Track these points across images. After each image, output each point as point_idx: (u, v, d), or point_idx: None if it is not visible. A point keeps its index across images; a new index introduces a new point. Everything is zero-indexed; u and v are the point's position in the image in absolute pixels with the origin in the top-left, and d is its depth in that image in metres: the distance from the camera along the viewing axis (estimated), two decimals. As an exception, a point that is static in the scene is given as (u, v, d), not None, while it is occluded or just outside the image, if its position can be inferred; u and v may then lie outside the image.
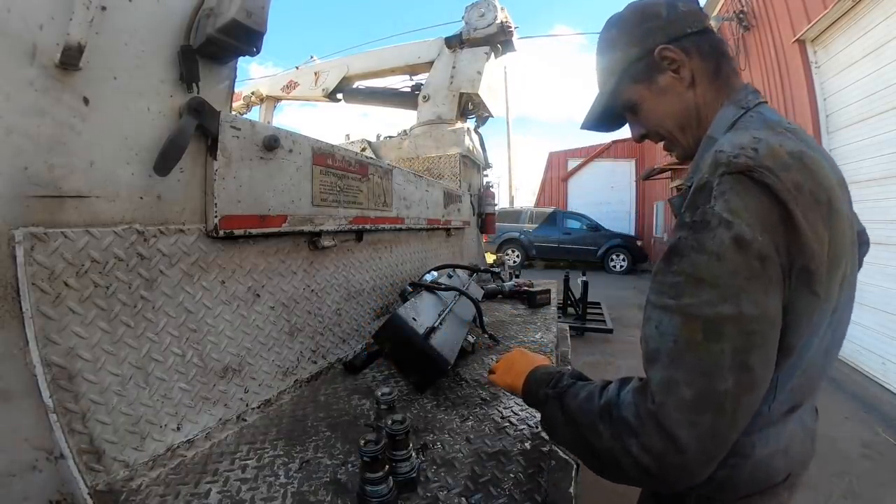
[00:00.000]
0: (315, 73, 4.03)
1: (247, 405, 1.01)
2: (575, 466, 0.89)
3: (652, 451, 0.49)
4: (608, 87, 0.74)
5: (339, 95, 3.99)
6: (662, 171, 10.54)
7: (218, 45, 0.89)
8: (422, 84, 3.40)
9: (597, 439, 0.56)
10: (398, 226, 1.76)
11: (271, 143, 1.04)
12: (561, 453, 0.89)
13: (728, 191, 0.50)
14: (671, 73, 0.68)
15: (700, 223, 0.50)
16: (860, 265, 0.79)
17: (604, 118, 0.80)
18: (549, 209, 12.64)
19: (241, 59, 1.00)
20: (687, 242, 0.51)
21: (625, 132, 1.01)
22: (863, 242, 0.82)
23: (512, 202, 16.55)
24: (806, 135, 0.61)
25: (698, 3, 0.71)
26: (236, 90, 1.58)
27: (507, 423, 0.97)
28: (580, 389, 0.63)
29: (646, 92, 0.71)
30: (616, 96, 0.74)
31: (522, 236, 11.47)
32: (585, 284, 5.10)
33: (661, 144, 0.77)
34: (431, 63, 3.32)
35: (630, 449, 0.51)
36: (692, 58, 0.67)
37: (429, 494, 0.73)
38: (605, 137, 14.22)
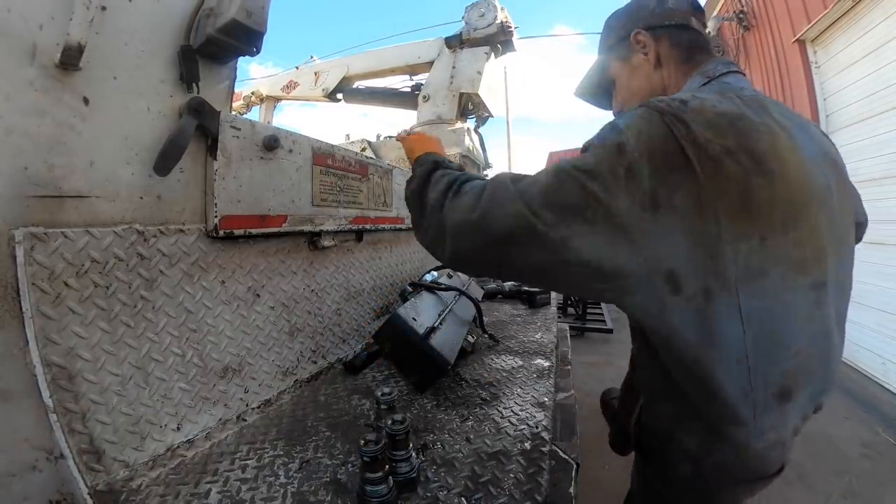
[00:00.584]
0: (315, 73, 4.03)
1: (247, 405, 1.01)
2: (575, 466, 0.89)
3: (458, 203, 0.61)
4: (599, 60, 0.88)
5: (339, 95, 3.99)
6: (662, 171, 10.52)
7: (218, 45, 0.89)
8: (422, 84, 3.40)
9: (432, 192, 0.67)
10: (398, 226, 1.76)
11: (271, 143, 1.04)
12: (561, 453, 0.89)
13: (636, 115, 0.56)
14: (642, 55, 0.79)
15: (600, 131, 0.59)
16: None
17: (593, 88, 0.93)
18: (549, 209, 12.62)
19: (241, 59, 1.00)
20: (586, 144, 0.60)
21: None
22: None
23: (512, 202, 16.52)
24: (771, 107, 0.62)
25: (690, 4, 0.79)
26: (236, 90, 1.58)
27: (507, 423, 0.97)
28: (457, 170, 0.75)
29: (623, 69, 0.83)
30: (603, 68, 0.88)
31: (522, 236, 11.45)
32: (585, 284, 5.09)
33: None
34: (431, 63, 3.32)
35: (444, 203, 0.63)
36: (661, 43, 0.77)
37: (429, 494, 0.73)
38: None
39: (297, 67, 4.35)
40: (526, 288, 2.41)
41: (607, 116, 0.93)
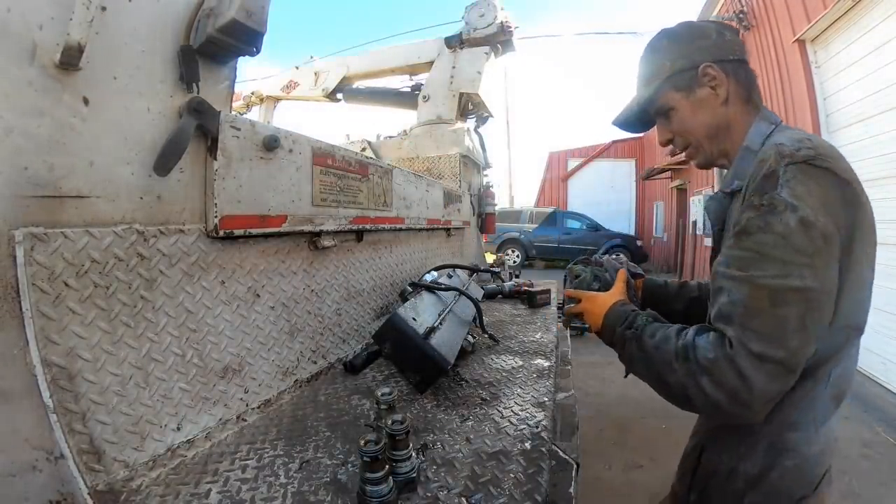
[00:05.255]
0: (315, 73, 4.02)
1: (247, 405, 1.01)
2: (575, 466, 0.89)
3: (725, 387, 0.59)
4: (649, 89, 0.82)
5: (339, 95, 3.98)
6: (662, 171, 10.54)
7: (218, 45, 0.89)
8: (422, 84, 3.39)
9: (671, 375, 0.66)
10: (398, 226, 1.76)
11: (271, 143, 1.04)
12: (561, 453, 0.89)
13: (792, 179, 0.58)
14: (710, 89, 0.76)
15: (768, 206, 0.59)
16: None
17: (637, 118, 0.89)
18: (549, 209, 12.64)
19: (240, 59, 1.00)
20: (755, 223, 0.60)
21: (623, 133, 1.03)
22: None
23: (512, 202, 16.54)
24: None
25: (738, 37, 0.80)
26: (236, 90, 1.58)
27: (507, 423, 0.97)
28: (657, 330, 0.72)
29: (684, 101, 0.78)
30: (654, 99, 0.82)
31: (522, 236, 11.47)
32: (585, 284, 5.07)
33: (669, 148, 0.86)
34: (431, 63, 3.32)
35: (703, 386, 0.61)
36: (730, 79, 0.75)
37: (429, 494, 0.73)
38: (605, 137, 14.26)
39: (296, 67, 4.35)
40: (525, 287, 2.41)
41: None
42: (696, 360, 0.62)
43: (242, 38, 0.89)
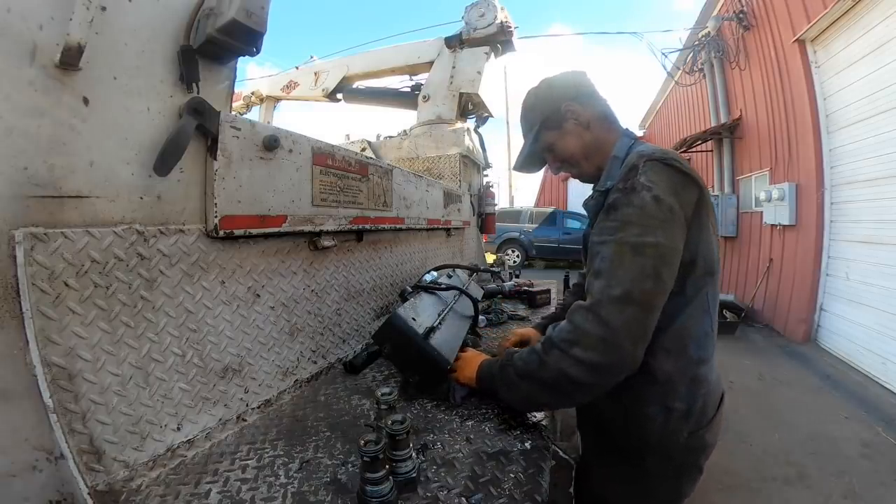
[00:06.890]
0: (315, 74, 4.02)
1: (247, 405, 1.01)
2: (575, 466, 0.89)
3: (592, 340, 0.69)
4: (531, 136, 1.00)
5: (339, 95, 3.98)
6: (662, 170, 10.51)
7: (218, 45, 0.89)
8: (422, 84, 3.39)
9: (546, 370, 0.77)
10: (398, 226, 1.76)
11: (271, 143, 1.03)
12: (561, 453, 0.89)
13: (649, 170, 0.76)
14: (573, 121, 0.95)
15: (630, 188, 0.76)
16: None
17: (531, 160, 1.08)
18: (549, 209, 12.63)
19: (240, 59, 1.00)
20: (620, 200, 0.76)
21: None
22: None
23: (512, 202, 16.54)
24: None
25: (587, 76, 1.01)
26: (236, 90, 1.57)
27: (507, 424, 0.97)
28: (521, 352, 0.86)
29: (558, 136, 0.98)
30: (537, 143, 1.02)
31: (522, 236, 11.46)
32: (585, 284, 5.07)
33: (567, 171, 1.03)
34: (431, 63, 3.32)
35: (576, 355, 0.71)
36: (586, 109, 0.95)
37: (429, 494, 0.73)
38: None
39: (296, 67, 4.35)
40: (525, 287, 2.41)
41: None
42: (560, 340, 0.74)
43: (242, 38, 0.89)
